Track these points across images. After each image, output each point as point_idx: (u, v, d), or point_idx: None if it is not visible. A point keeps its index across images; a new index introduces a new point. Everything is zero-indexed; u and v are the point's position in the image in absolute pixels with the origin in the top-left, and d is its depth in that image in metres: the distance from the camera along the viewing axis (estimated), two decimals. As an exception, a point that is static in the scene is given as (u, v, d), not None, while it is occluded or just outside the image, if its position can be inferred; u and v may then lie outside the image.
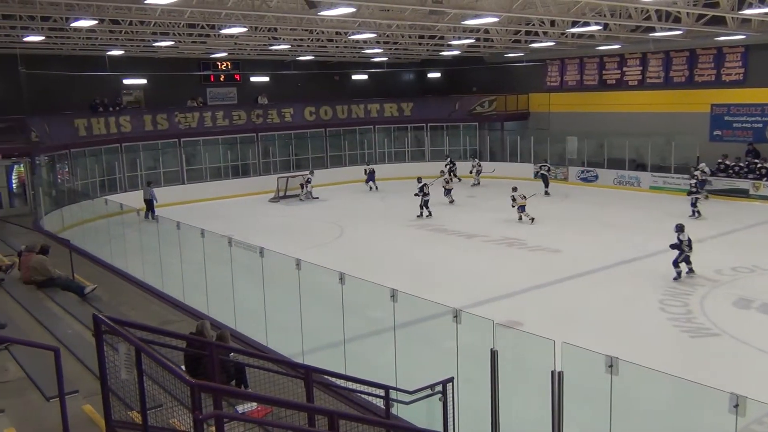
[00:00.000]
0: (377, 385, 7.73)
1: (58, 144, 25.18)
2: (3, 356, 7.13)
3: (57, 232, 19.56)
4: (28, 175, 23.45)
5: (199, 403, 4.25)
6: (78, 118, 27.37)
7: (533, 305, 14.55)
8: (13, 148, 23.09)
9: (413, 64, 39.07)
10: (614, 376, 6.46)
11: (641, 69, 30.26)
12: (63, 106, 27.32)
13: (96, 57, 27.91)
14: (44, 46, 25.05)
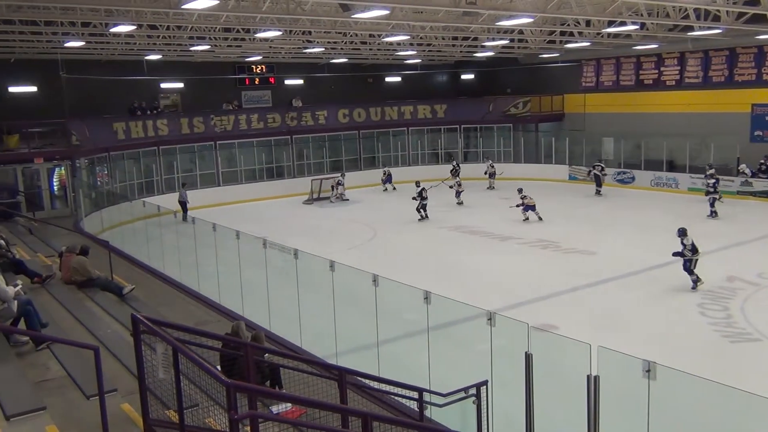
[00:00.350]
0: (411, 387, 7.72)
1: (97, 147, 25.68)
2: (45, 355, 7.29)
3: (96, 234, 19.93)
4: (68, 178, 23.95)
5: (234, 403, 4.29)
6: (117, 121, 27.90)
7: (569, 308, 14.38)
8: (55, 152, 23.63)
9: (447, 66, 38.96)
10: (652, 382, 6.35)
11: (679, 69, 29.72)
12: (102, 110, 27.86)
13: (134, 62, 28.41)
14: (84, 51, 25.58)
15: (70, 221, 21.29)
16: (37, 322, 7.77)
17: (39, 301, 8.71)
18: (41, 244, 15.59)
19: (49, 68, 25.10)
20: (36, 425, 5.43)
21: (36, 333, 7.44)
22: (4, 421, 5.40)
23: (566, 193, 29.24)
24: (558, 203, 26.72)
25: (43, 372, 6.94)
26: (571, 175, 31.93)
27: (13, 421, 5.43)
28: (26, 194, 22.07)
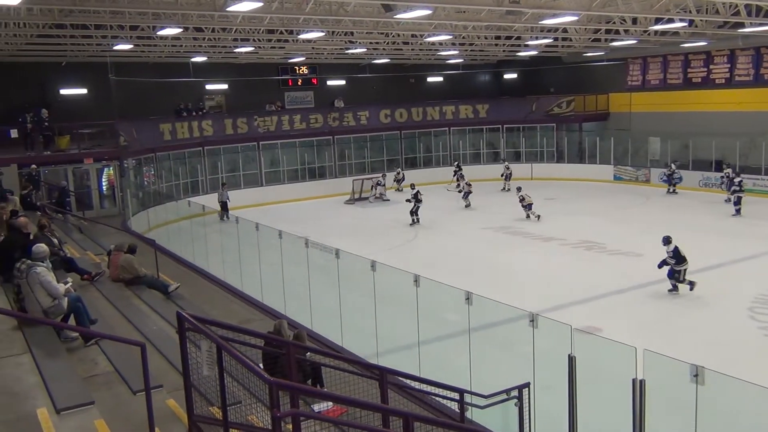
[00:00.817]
0: (452, 389, 7.68)
1: (144, 148, 26.21)
2: (93, 350, 7.46)
3: (143, 233, 20.35)
4: (116, 178, 24.50)
5: (277, 401, 4.32)
6: (163, 122, 28.44)
7: (613, 311, 14.14)
8: (104, 152, 24.19)
9: (489, 65, 38.69)
10: (700, 386, 6.20)
11: (729, 66, 28.96)
12: (149, 112, 28.44)
13: (180, 64, 28.93)
14: (132, 54, 26.16)
15: (118, 220, 21.76)
16: (87, 319, 7.96)
17: (88, 298, 8.92)
18: (90, 243, 15.96)
19: (99, 71, 25.75)
20: (85, 419, 5.56)
21: (85, 329, 7.62)
22: (55, 414, 5.54)
23: (611, 194, 28.76)
24: (603, 204, 26.33)
25: (92, 367, 7.09)
26: (616, 175, 31.39)
27: (63, 415, 5.57)
28: (76, 194, 22.64)
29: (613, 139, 31.99)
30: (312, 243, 13.40)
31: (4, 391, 5.81)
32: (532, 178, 33.12)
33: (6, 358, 6.47)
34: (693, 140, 28.72)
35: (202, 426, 5.63)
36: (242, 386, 6.18)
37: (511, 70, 38.60)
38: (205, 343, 5.39)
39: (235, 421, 5.33)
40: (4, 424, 5.24)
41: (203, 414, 5.75)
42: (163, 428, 5.51)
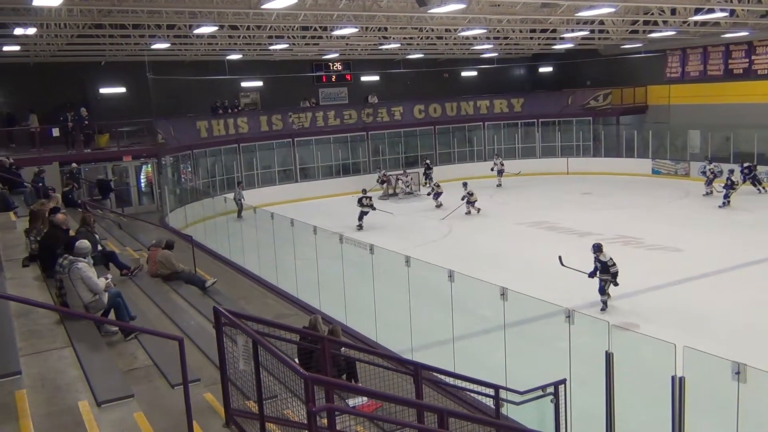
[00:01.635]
0: (487, 384, 7.64)
1: (181, 145, 26.57)
2: (133, 345, 7.59)
3: (181, 229, 20.65)
4: (155, 175, 24.88)
5: (313, 395, 4.35)
6: (200, 120, 28.79)
7: (651, 307, 13.90)
8: (142, 150, 24.59)
9: (524, 59, 38.31)
10: (742, 384, 6.07)
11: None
12: (186, 109, 28.83)
13: (216, 62, 29.25)
14: (169, 52, 26.53)
15: (156, 217, 22.11)
16: (126, 314, 8.11)
17: (127, 293, 9.09)
18: (130, 239, 16.26)
19: (137, 70, 26.18)
20: (125, 412, 5.66)
21: (125, 324, 7.77)
22: (96, 407, 5.65)
23: (649, 188, 28.27)
24: (640, 198, 25.91)
25: (131, 361, 7.22)
26: (655, 169, 30.85)
27: (104, 408, 5.68)
28: (115, 191, 23.05)
29: (651, 132, 31.43)
30: (346, 239, 13.46)
31: (47, 384, 5.95)
32: (568, 173, 32.74)
33: (49, 352, 6.62)
34: (734, 133, 28.06)
35: (239, 420, 5.70)
36: (278, 381, 6.23)
37: (547, 63, 38.16)
38: (241, 338, 5.45)
39: (271, 415, 5.37)
40: (48, 416, 5.37)
41: (240, 408, 5.82)
42: (200, 421, 5.59)
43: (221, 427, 5.79)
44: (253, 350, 5.18)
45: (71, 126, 23.12)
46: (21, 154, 21.54)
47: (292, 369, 4.77)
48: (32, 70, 25.99)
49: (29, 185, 16.26)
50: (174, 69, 28.20)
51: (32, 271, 9.61)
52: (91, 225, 11.51)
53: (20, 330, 6.99)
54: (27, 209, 12.67)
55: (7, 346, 6.24)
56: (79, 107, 23.83)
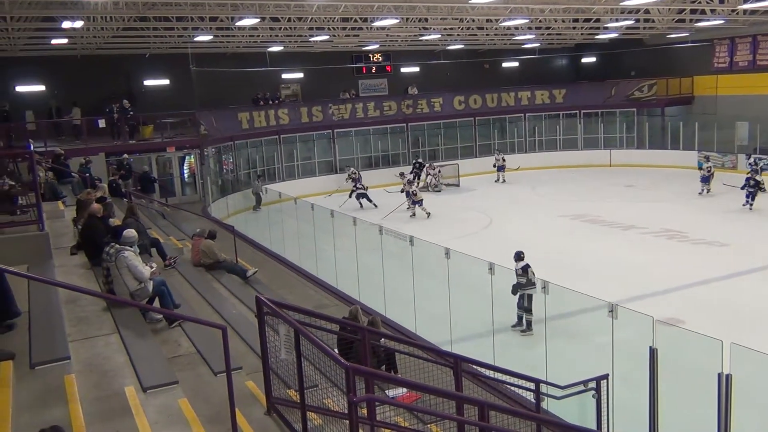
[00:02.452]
0: (527, 378, 7.59)
1: (223, 136, 26.91)
2: (177, 332, 7.73)
3: (222, 219, 20.94)
4: (197, 166, 25.26)
5: (353, 385, 4.37)
6: (241, 111, 29.10)
7: (697, 302, 13.61)
8: (185, 141, 24.98)
9: (566, 49, 37.72)
10: (792, 383, 5.91)
11: (826, 45, 27.26)
12: (228, 101, 29.14)
13: (257, 54, 29.48)
14: (212, 45, 26.85)
15: (198, 207, 22.44)
16: (171, 302, 8.25)
17: (171, 281, 9.24)
18: (173, 228, 16.53)
19: (180, 62, 26.56)
20: (169, 398, 5.77)
21: (170, 311, 7.91)
22: (142, 392, 5.77)
23: (695, 181, 27.62)
24: (686, 191, 25.33)
25: (175, 348, 7.35)
26: (701, 162, 30.11)
27: (149, 393, 5.80)
28: (159, 181, 23.47)
29: (697, 123, 30.66)
30: (386, 230, 13.47)
31: (95, 370, 6.09)
32: (611, 165, 32.18)
33: (96, 338, 6.78)
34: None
35: (280, 408, 5.76)
36: (318, 370, 6.28)
37: (590, 53, 37.51)
38: (283, 327, 5.50)
39: (312, 404, 5.42)
40: (96, 400, 5.50)
41: (281, 396, 5.88)
42: (242, 409, 5.66)
43: (263, 415, 5.86)
44: (295, 340, 5.22)
45: (117, 117, 23.60)
46: (68, 145, 22.07)
47: (333, 359, 4.80)
48: (79, 63, 26.55)
49: (76, 175, 16.65)
50: (216, 61, 28.53)
51: (79, 259, 9.84)
52: (136, 215, 11.74)
53: (68, 316, 7.17)
54: (74, 199, 12.97)
55: (57, 332, 6.40)
56: (124, 99, 24.30)
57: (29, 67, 25.99)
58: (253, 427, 5.60)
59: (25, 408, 4.97)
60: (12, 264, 7.19)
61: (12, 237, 8.78)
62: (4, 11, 16.63)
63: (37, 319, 6.59)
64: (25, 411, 4.92)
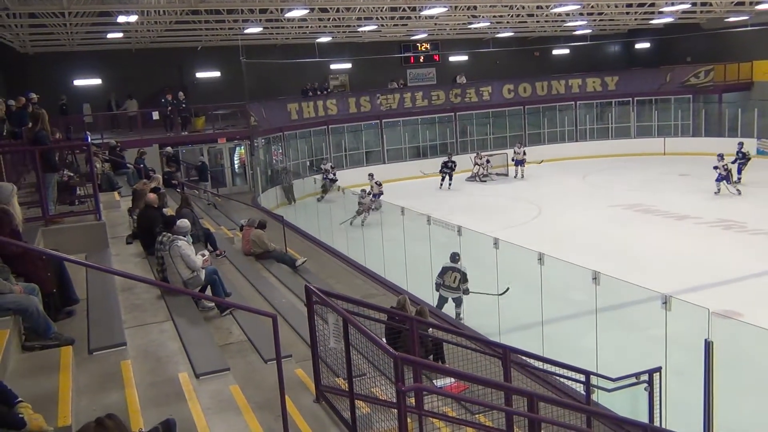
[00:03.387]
0: (577, 370, 7.48)
1: (273, 127, 27.19)
2: (228, 320, 7.88)
3: (272, 209, 21.20)
4: (247, 156, 25.61)
5: (402, 375, 4.38)
6: (290, 102, 29.32)
7: (755, 294, 13.20)
8: (236, 132, 25.35)
9: (619, 35, 36.85)
10: None
11: None
12: (277, 92, 29.41)
13: (306, 45, 29.63)
14: (261, 36, 27.10)
15: (248, 197, 22.76)
16: (222, 291, 8.41)
17: (222, 270, 9.41)
18: (224, 218, 16.82)
19: (231, 54, 26.89)
20: (221, 384, 5.89)
21: (221, 300, 8.06)
22: (195, 378, 5.91)
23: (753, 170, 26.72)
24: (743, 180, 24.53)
25: (227, 336, 7.50)
26: (760, 149, 29.10)
27: (202, 379, 5.93)
28: (211, 172, 23.88)
29: (756, 110, 29.61)
30: (434, 220, 13.43)
31: (150, 356, 6.26)
32: (665, 153, 31.37)
33: (151, 325, 6.96)
34: None
35: (329, 396, 5.82)
36: (366, 359, 6.32)
37: (644, 39, 36.54)
38: (332, 316, 5.55)
39: (360, 392, 5.46)
40: (151, 385, 5.66)
41: (330, 384, 5.94)
42: (292, 396, 5.74)
43: (312, 403, 5.94)
44: (344, 329, 5.26)
45: (170, 109, 24.08)
46: (123, 136, 22.64)
47: (381, 348, 4.82)
48: (133, 57, 27.16)
49: (131, 166, 17.07)
50: (266, 53, 28.81)
51: (135, 248, 10.10)
52: (191, 205, 11.98)
53: (124, 304, 7.37)
54: (130, 189, 13.30)
55: (114, 319, 6.59)
56: (177, 91, 24.77)
57: (86, 61, 26.71)
58: (302, 414, 5.68)
59: (84, 392, 5.13)
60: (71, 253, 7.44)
61: (71, 227, 9.06)
62: (62, 7, 17.10)
63: (95, 307, 6.80)
64: (84, 395, 5.09)
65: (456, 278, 12.03)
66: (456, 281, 12.03)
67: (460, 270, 12.10)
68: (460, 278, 12.03)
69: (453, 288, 12.14)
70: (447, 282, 12.20)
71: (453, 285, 12.10)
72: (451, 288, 12.18)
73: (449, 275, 12.14)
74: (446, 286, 12.25)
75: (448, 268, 12.21)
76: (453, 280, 12.07)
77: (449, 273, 12.15)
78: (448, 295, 12.31)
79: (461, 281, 12.04)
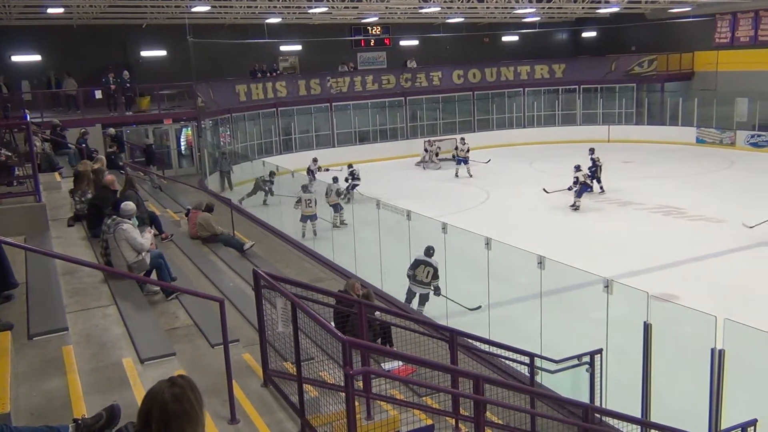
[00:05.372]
0: (522, 352, 7.66)
1: (221, 109, 26.77)
2: (174, 305, 7.77)
3: (219, 192, 20.90)
4: (194, 138, 25.16)
5: (350, 358, 4.40)
6: (239, 83, 28.90)
7: (692, 278, 13.70)
8: (182, 113, 24.85)
9: (567, 23, 37.44)
10: (783, 358, 5.98)
11: (828, 21, 27.04)
12: (225, 73, 28.93)
13: (255, 25, 29.18)
14: (209, 15, 26.57)
15: (195, 179, 22.39)
16: (168, 275, 8.28)
17: (168, 254, 9.26)
18: (169, 201, 16.52)
19: (177, 33, 26.25)
20: (167, 369, 5.79)
21: (167, 284, 7.94)
22: (139, 364, 5.82)
23: (693, 158, 27.65)
24: (684, 168, 25.36)
25: (173, 320, 7.39)
26: (699, 138, 30.09)
27: (147, 365, 5.84)
28: (157, 153, 23.38)
29: (697, 99, 30.57)
30: (383, 204, 13.48)
31: (93, 341, 6.13)
32: (609, 140, 32.11)
33: (94, 309, 6.81)
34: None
35: (277, 380, 5.82)
36: (315, 343, 6.33)
37: (590, 27, 37.21)
38: (280, 301, 5.53)
39: (308, 376, 5.47)
40: (94, 371, 5.55)
41: (277, 369, 5.93)
42: (239, 381, 5.71)
43: (259, 387, 5.92)
44: (292, 313, 5.25)
45: (113, 88, 23.44)
46: (64, 115, 21.95)
47: (329, 332, 4.83)
48: (75, 33, 26.26)
49: (73, 147, 16.58)
50: (214, 32, 28.25)
51: (77, 230, 9.84)
52: (135, 187, 11.72)
53: (66, 288, 7.19)
54: (71, 170, 12.93)
55: (55, 303, 6.43)
56: (121, 70, 24.12)
57: (25, 36, 25.70)
58: (249, 398, 5.66)
59: (23, 378, 5.00)
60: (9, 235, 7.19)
61: (9, 208, 8.78)
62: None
63: (35, 291, 6.61)
64: (23, 381, 4.96)
65: (429, 273, 11.63)
66: (428, 276, 11.62)
67: (433, 265, 11.67)
68: (432, 273, 11.64)
69: (424, 283, 11.70)
70: (419, 276, 11.72)
71: (425, 280, 11.66)
72: (422, 283, 11.72)
73: (421, 269, 11.69)
74: (417, 281, 11.77)
75: (421, 261, 11.73)
76: (426, 275, 11.65)
77: (421, 267, 11.69)
78: (417, 290, 11.86)
79: (433, 277, 11.65)
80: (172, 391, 2.81)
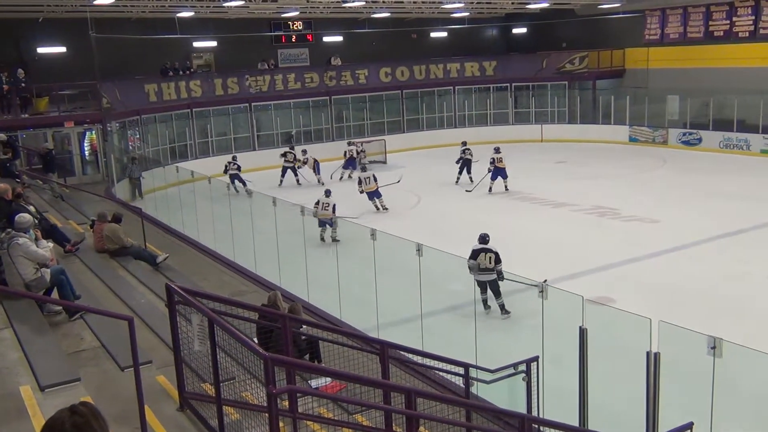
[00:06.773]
0: (456, 363, 7.75)
1: (129, 110, 26.11)
2: (78, 325, 7.52)
3: (129, 201, 20.35)
4: (99, 142, 24.43)
5: (273, 377, 4.36)
6: (148, 83, 28.26)
7: (627, 280, 14.18)
8: (85, 115, 24.10)
9: (496, 19, 38.29)
10: (717, 359, 6.26)
11: (753, 18, 28.56)
12: (133, 71, 28.24)
13: (166, 19, 28.61)
14: (114, 9, 25.89)
15: (101, 187, 21.76)
16: (71, 292, 8.00)
17: (71, 270, 8.98)
18: (73, 211, 16.00)
19: (78, 27, 25.42)
20: (71, 396, 5.61)
21: (70, 303, 7.68)
22: (39, 392, 5.60)
23: (626, 156, 28.70)
24: (617, 167, 26.27)
25: (77, 342, 7.16)
26: (632, 136, 31.28)
27: (48, 392, 5.63)
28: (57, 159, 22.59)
29: (628, 97, 31.78)
30: (308, 211, 13.42)
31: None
32: (542, 140, 33.02)
33: (-14, 334, 6.53)
34: (714, 98, 28.53)
35: (194, 403, 5.70)
36: (236, 362, 6.24)
37: (520, 24, 38.17)
38: (196, 317, 5.43)
39: (229, 398, 5.38)
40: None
41: (195, 391, 5.82)
42: (153, 406, 5.58)
43: (175, 411, 5.80)
44: (209, 330, 5.17)
45: (6, 89, 22.54)
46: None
47: (250, 349, 4.77)
48: (-39, 27, 25.19)
49: (-39, 153, 15.86)
50: (119, 27, 27.51)
51: (-34, 246, 9.40)
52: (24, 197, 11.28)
53: (-46, 311, 6.87)
54: (-41, 180, 12.34)
55: (-60, 329, 6.13)
56: (15, 68, 23.21)
57: None
58: (164, 424, 5.53)
59: None
60: None
61: None
62: None
63: None
64: None
65: (491, 258, 11.98)
66: (491, 261, 11.97)
67: (493, 250, 12.07)
68: (494, 258, 11.99)
69: (489, 269, 11.95)
70: (482, 264, 11.94)
71: (489, 265, 11.95)
72: (487, 270, 11.95)
73: (483, 256, 12.02)
74: (481, 269, 11.93)
75: (480, 249, 12.13)
76: (488, 260, 12.00)
77: (482, 254, 12.04)
78: (483, 278, 12.01)
79: (496, 261, 11.97)
80: (72, 421, 2.70)
